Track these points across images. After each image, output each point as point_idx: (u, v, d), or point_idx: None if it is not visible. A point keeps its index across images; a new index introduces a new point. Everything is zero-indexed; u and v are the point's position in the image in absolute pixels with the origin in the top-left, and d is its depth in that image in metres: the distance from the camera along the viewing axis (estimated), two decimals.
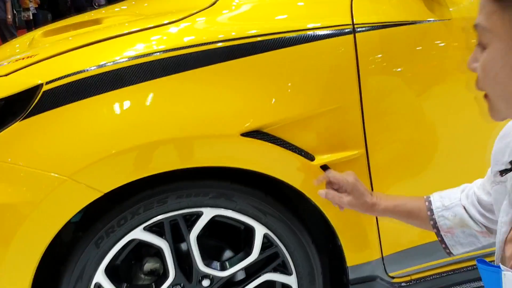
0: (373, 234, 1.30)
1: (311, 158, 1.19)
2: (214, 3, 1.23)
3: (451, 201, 0.96)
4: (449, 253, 0.98)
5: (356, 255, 1.31)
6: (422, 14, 1.19)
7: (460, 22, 1.20)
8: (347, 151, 1.21)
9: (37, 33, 1.51)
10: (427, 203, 0.99)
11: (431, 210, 0.98)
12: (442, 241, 0.97)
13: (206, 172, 1.17)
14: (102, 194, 1.08)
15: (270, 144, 1.13)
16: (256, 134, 1.13)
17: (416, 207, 1.00)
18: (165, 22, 1.17)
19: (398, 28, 1.17)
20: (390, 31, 1.17)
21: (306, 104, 1.16)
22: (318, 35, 1.14)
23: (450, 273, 1.42)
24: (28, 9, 8.70)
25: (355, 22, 1.15)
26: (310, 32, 1.14)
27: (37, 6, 9.06)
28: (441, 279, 1.43)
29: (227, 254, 1.29)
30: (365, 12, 1.17)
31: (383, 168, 1.25)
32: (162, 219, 1.16)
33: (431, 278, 1.41)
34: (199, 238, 1.21)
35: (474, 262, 0.82)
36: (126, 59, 1.08)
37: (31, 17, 8.85)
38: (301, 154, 1.17)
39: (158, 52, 1.09)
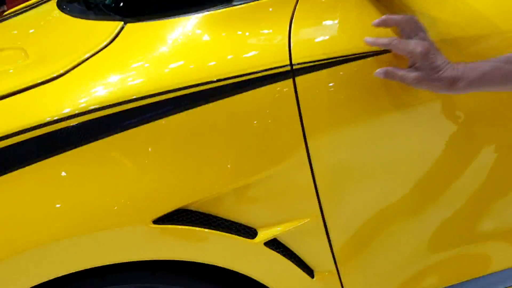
0: None
1: (252, 234, 0.95)
2: (111, 42, 0.93)
3: None
4: None
5: None
6: None
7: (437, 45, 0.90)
8: (297, 219, 0.96)
9: None
10: None
11: None
12: None
13: None
14: None
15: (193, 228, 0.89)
16: (176, 216, 0.88)
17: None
18: (48, 78, 0.88)
19: (350, 64, 0.88)
20: (339, 68, 0.88)
21: (240, 169, 0.90)
22: (250, 82, 0.86)
23: None
24: None
25: (293, 61, 0.86)
26: (237, 81, 0.85)
27: None
28: None
29: None
30: (307, 46, 0.87)
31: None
32: None
33: None
34: None
35: None
36: None
37: None
38: (237, 232, 0.93)
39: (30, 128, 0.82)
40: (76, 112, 0.82)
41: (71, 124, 0.82)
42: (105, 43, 0.92)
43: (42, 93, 0.87)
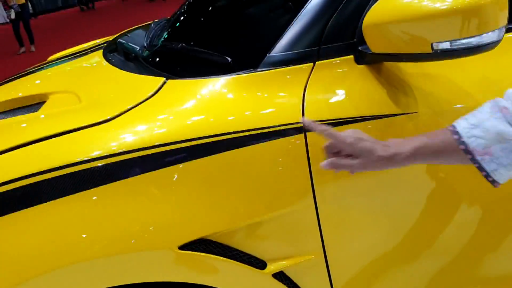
0: None
1: (262, 266, 1.09)
2: (154, 94, 1.11)
3: (478, 117, 0.87)
4: (493, 182, 0.87)
5: None
6: (384, 107, 1.06)
7: (428, 115, 1.07)
8: (302, 255, 1.10)
9: None
10: (451, 128, 0.89)
11: (458, 133, 0.87)
12: (480, 167, 0.87)
13: None
14: None
15: (212, 256, 1.03)
16: (198, 244, 1.03)
17: (441, 140, 0.89)
18: (100, 120, 1.06)
19: (355, 125, 1.04)
20: (345, 128, 1.04)
21: (253, 208, 1.05)
22: (265, 135, 1.02)
23: None
24: (10, 7, 8.46)
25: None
26: (256, 133, 1.02)
27: (23, 3, 8.71)
28: None
29: None
30: (318, 108, 1.04)
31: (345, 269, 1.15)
32: None
33: None
34: None
35: None
36: (44, 171, 0.97)
37: (13, 16, 8.52)
38: (249, 262, 1.07)
39: (85, 161, 0.99)
40: (121, 150, 0.99)
41: (116, 161, 0.99)
42: (149, 95, 1.11)
43: (91, 134, 1.04)
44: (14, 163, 1.00)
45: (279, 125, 1.03)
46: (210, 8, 1.62)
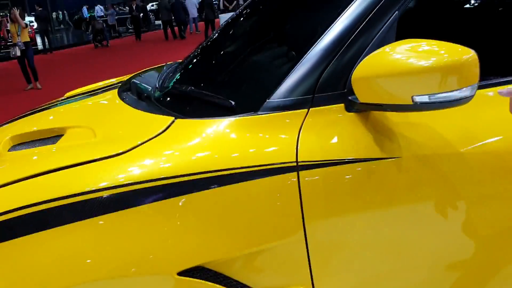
0: None
1: None
2: (163, 132, 1.23)
3: None
4: None
5: None
6: (371, 151, 1.17)
7: (411, 160, 1.18)
8: (292, 286, 1.18)
9: (3, 139, 1.53)
10: None
11: None
12: None
13: None
14: None
15: (207, 283, 1.11)
16: (196, 271, 1.12)
17: None
18: (112, 154, 1.17)
19: (344, 167, 1.15)
20: (335, 169, 1.15)
21: (248, 239, 1.14)
22: (261, 172, 1.13)
23: None
24: (15, 45, 8.40)
25: (299, 159, 1.14)
26: (253, 170, 1.13)
27: (28, 40, 8.54)
28: None
29: None
30: (310, 150, 1.15)
31: None
32: None
33: None
34: None
35: None
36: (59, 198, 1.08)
37: (18, 54, 8.39)
38: None
39: (95, 190, 1.09)
40: (130, 182, 1.10)
41: (125, 191, 1.09)
42: (158, 132, 1.22)
43: (104, 166, 1.15)
44: (30, 190, 1.11)
45: (274, 164, 1.13)
46: (217, 55, 1.76)
